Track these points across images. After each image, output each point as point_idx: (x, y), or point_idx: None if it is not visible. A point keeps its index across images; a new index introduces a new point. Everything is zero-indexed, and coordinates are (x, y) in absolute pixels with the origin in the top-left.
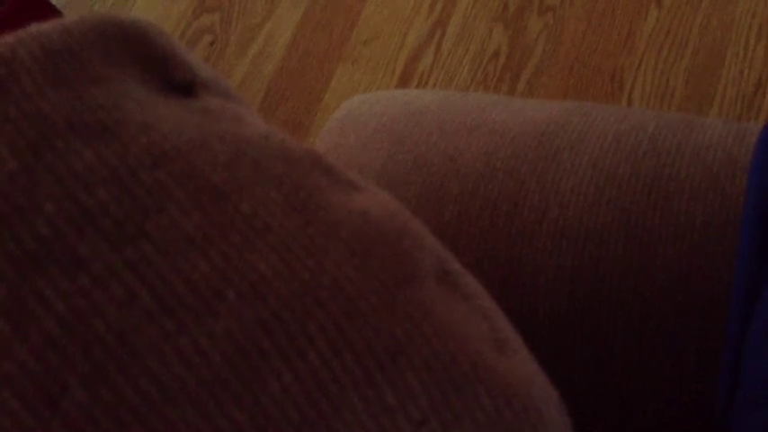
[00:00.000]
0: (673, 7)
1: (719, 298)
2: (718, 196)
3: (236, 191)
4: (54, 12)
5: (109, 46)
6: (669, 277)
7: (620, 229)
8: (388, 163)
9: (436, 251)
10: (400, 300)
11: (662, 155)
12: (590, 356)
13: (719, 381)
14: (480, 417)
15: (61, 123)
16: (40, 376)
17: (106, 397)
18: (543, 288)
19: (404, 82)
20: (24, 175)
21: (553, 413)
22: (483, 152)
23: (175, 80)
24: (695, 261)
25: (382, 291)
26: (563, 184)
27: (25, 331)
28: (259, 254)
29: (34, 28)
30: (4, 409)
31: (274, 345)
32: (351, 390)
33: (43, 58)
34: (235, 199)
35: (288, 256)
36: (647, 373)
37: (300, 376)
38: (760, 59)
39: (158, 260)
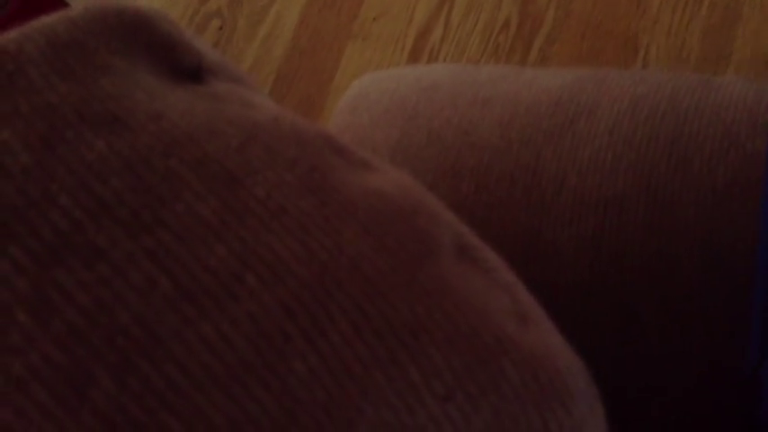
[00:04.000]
0: None
1: (745, 258)
2: (740, 156)
3: (250, 175)
4: (61, 4)
5: (114, 35)
6: (692, 240)
7: (640, 195)
8: (402, 140)
9: (453, 226)
10: (419, 277)
11: (680, 116)
12: (616, 324)
13: (750, 339)
14: (506, 389)
15: (71, 115)
16: (66, 367)
17: (133, 385)
18: (565, 258)
19: (414, 57)
20: (38, 169)
21: (580, 383)
22: (497, 124)
23: (183, 66)
24: (718, 222)
25: (401, 268)
26: (580, 153)
27: (48, 323)
28: (276, 236)
29: (40, 22)
30: (32, 401)
31: (297, 327)
32: (375, 368)
33: (50, 51)
34: (248, 183)
35: (305, 237)
36: (675, 339)
37: (324, 357)
38: None
39: (176, 247)
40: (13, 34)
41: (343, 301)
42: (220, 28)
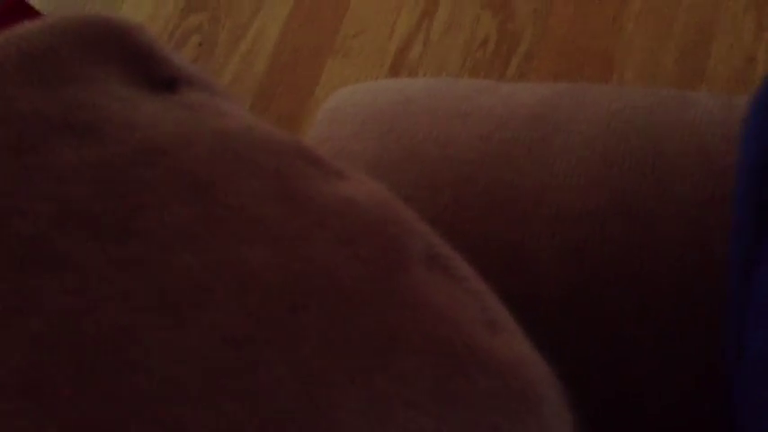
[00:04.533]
0: None
1: (722, 270)
2: (713, 171)
3: (222, 184)
4: (34, 13)
5: (88, 45)
6: (669, 254)
7: (617, 210)
8: (380, 152)
9: (425, 236)
10: (390, 286)
11: (656, 132)
12: (596, 338)
13: (726, 355)
14: (477, 398)
15: (42, 123)
16: (28, 375)
17: (99, 393)
18: (544, 272)
19: (394, 73)
20: (6, 177)
21: (550, 392)
22: (475, 137)
23: (158, 76)
24: (694, 236)
25: (372, 278)
26: (558, 167)
27: (11, 331)
28: (248, 246)
29: (14, 30)
30: None
31: (267, 335)
32: (345, 378)
33: (23, 59)
34: (221, 192)
35: (277, 246)
36: (655, 352)
37: (294, 366)
38: (750, 32)
39: (146, 255)
40: None
41: (314, 311)
42: (200, 44)
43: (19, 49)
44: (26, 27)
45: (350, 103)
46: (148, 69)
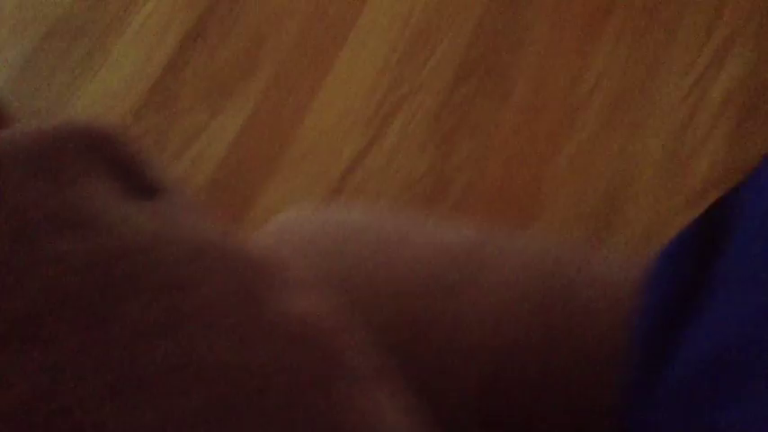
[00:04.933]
0: (584, 146)
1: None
2: (616, 316)
3: (195, 284)
4: None
5: (81, 150)
6: (570, 391)
7: (529, 347)
8: (314, 276)
9: (367, 351)
10: (331, 394)
11: (566, 277)
12: None
13: None
14: None
15: (40, 217)
16: None
17: None
18: (454, 401)
19: (335, 196)
20: (7, 259)
21: None
22: (406, 269)
23: (140, 185)
24: (594, 375)
25: (315, 384)
26: (479, 304)
27: None
28: (208, 344)
29: (11, 131)
30: None
31: (220, 424)
32: None
33: (23, 158)
34: (193, 291)
35: (236, 345)
36: None
37: None
38: (664, 196)
39: (124, 341)
40: None
41: (261, 409)
42: (149, 147)
43: (21, 148)
44: (25, 129)
45: (289, 228)
46: (132, 177)
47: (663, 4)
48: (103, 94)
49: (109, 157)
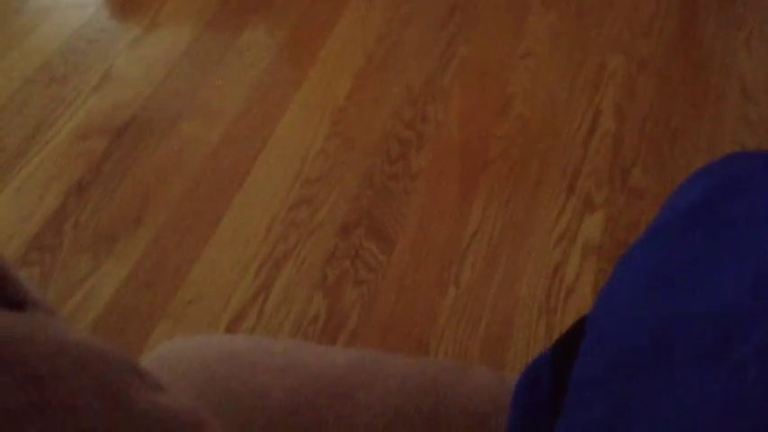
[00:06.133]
0: (468, 286)
1: None
2: (481, 428)
3: (56, 378)
4: None
5: None
6: None
7: None
8: (199, 398)
9: None
10: None
11: (439, 395)
12: None
13: None
14: None
15: None
16: None
17: None
18: None
19: None
20: None
21: None
22: (289, 389)
23: (8, 297)
24: None
25: None
26: (357, 419)
27: None
28: (72, 428)
29: None
30: None
31: None
32: None
33: None
34: (54, 385)
35: (99, 430)
36: None
37: None
38: (542, 333)
39: None
40: None
41: None
42: None
43: None
44: None
45: (173, 354)
46: (2, 290)
47: (525, 163)
48: None
49: None
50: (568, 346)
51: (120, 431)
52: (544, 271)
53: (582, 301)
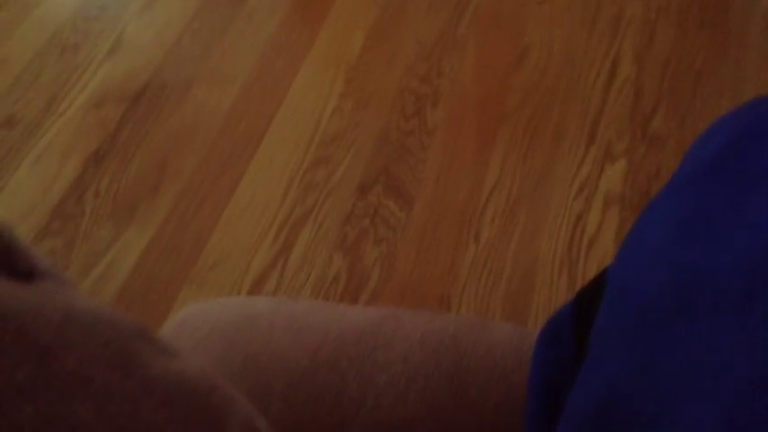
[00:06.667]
0: (488, 241)
1: None
2: (506, 386)
3: (64, 349)
4: None
5: None
6: None
7: (426, 416)
8: (220, 361)
9: (244, 409)
10: None
11: (460, 351)
12: None
13: None
14: None
15: None
16: None
17: None
18: None
19: None
20: None
21: None
22: (308, 350)
23: (16, 269)
24: None
25: None
26: (378, 377)
27: None
28: (80, 401)
29: None
30: None
31: None
32: None
33: None
34: (62, 355)
35: (106, 403)
36: None
37: None
38: (564, 287)
39: None
40: None
41: None
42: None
43: None
44: None
45: (196, 318)
46: (8, 262)
47: (543, 115)
48: (3, 215)
49: None
50: (590, 299)
51: (132, 399)
52: (565, 223)
53: (604, 252)
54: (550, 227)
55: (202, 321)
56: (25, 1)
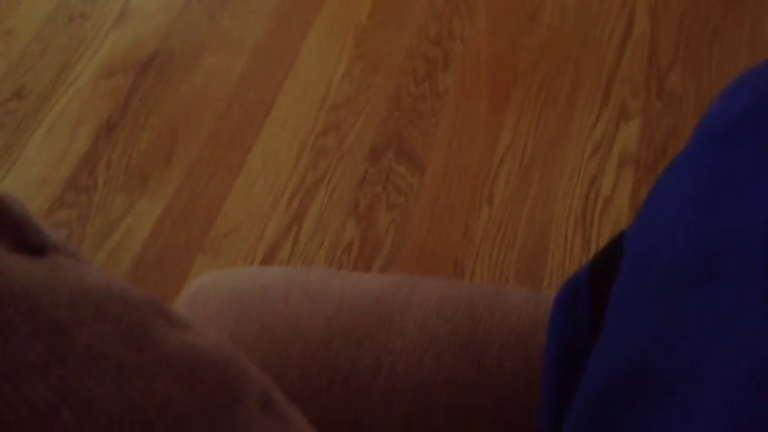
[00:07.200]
0: (502, 205)
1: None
2: (523, 351)
3: (76, 325)
4: None
5: None
6: (486, 424)
7: (443, 383)
8: (235, 331)
9: (260, 381)
10: (223, 419)
11: (475, 316)
12: None
13: None
14: None
15: None
16: None
17: None
18: None
19: None
20: None
21: None
22: (323, 318)
23: (27, 243)
24: (506, 408)
25: (207, 410)
26: (394, 344)
27: None
28: (94, 377)
29: None
30: None
31: None
32: None
33: None
34: (74, 332)
35: (120, 379)
36: None
37: None
38: (578, 249)
39: (1, 383)
40: None
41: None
42: (66, 238)
43: None
44: None
45: (211, 288)
46: (19, 236)
47: (556, 74)
48: (17, 188)
49: None
50: (606, 263)
51: (146, 373)
52: (579, 184)
53: (619, 213)
54: (564, 189)
55: (216, 292)
56: None
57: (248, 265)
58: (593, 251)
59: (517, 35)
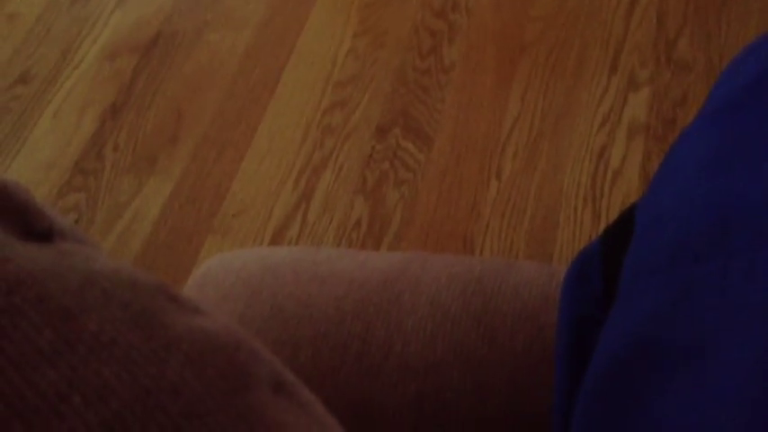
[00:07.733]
0: (510, 178)
1: (543, 407)
2: (535, 326)
3: (85, 312)
4: None
5: None
6: (499, 400)
7: (454, 360)
8: (246, 312)
9: (271, 363)
10: (236, 403)
11: (486, 292)
12: None
13: None
14: None
15: None
16: None
17: None
18: (390, 418)
19: None
20: None
21: None
22: (333, 297)
23: (34, 229)
24: (519, 380)
25: (218, 395)
26: (405, 323)
27: None
28: (104, 363)
29: None
30: None
31: None
32: None
33: None
34: (83, 318)
35: (130, 365)
36: None
37: None
38: (588, 222)
39: (10, 371)
40: None
41: (163, 421)
42: (76, 221)
43: None
44: None
45: (220, 269)
46: (26, 222)
47: (564, 45)
48: (25, 173)
49: (2, 204)
50: (617, 235)
51: (156, 358)
52: (588, 156)
53: (628, 185)
54: (573, 161)
55: (225, 274)
56: None
57: (258, 244)
58: (603, 223)
59: (523, 6)
